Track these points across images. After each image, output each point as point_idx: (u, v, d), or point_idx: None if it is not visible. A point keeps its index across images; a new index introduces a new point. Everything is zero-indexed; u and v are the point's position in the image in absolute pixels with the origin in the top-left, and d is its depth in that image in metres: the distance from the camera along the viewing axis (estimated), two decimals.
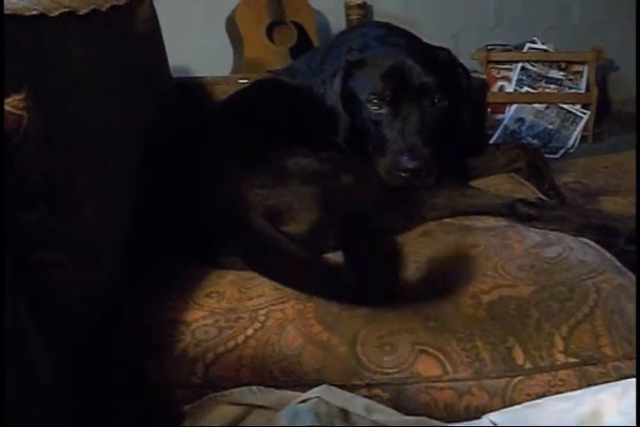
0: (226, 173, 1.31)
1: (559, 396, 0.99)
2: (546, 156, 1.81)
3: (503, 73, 3.56)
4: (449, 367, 1.02)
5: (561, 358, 1.02)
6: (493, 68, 3.54)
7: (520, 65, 3.53)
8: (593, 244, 1.26)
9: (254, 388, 1.02)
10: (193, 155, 1.39)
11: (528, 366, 1.01)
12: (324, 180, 1.30)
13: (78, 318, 1.02)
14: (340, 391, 1.00)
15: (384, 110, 1.39)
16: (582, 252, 1.20)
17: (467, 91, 1.50)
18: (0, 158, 0.87)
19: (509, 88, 3.55)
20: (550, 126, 3.49)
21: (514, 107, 3.51)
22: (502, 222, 1.33)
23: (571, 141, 3.48)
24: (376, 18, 3.42)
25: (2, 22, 0.89)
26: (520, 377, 1.01)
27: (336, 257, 1.24)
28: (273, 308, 1.11)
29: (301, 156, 1.32)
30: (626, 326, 1.04)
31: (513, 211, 1.35)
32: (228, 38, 3.19)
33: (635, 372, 1.00)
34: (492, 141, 3.21)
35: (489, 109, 3.25)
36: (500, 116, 3.50)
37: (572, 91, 3.53)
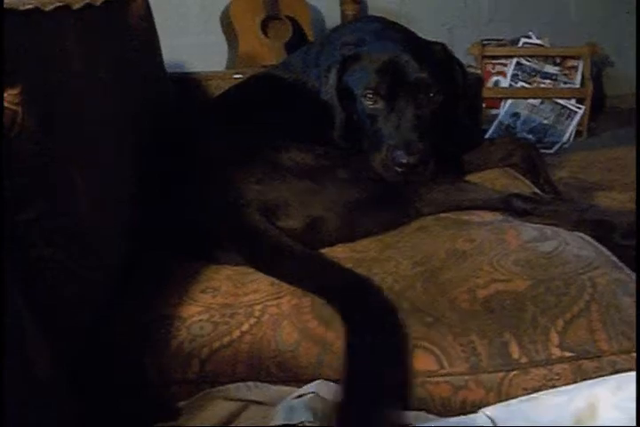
0: (221, 169, 1.31)
1: (555, 390, 0.99)
2: (541, 151, 1.81)
3: (498, 68, 3.56)
4: (445, 362, 1.02)
5: (557, 352, 1.02)
6: (488, 63, 3.54)
7: (515, 60, 3.53)
8: (589, 238, 1.26)
9: (250, 383, 1.02)
10: (188, 150, 1.38)
11: (524, 360, 1.01)
12: (320, 175, 1.30)
13: (76, 315, 1.02)
14: (336, 386, 1.00)
15: (379, 105, 1.39)
16: (578, 246, 1.20)
17: (462, 85, 1.50)
18: None
19: (504, 83, 3.55)
20: (545, 121, 3.50)
21: (509, 102, 3.51)
22: (498, 217, 1.33)
23: (565, 136, 3.48)
24: (371, 12, 3.42)
25: (2, 21, 0.89)
26: (516, 371, 1.01)
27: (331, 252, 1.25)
28: (269, 303, 1.11)
29: (297, 151, 1.32)
30: (621, 320, 1.04)
31: (508, 205, 1.35)
32: (222, 33, 3.19)
33: (631, 366, 1.00)
34: (487, 136, 3.21)
35: (484, 104, 3.25)
36: (495, 111, 3.50)
37: (567, 86, 3.54)
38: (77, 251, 1.02)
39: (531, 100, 3.51)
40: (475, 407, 0.99)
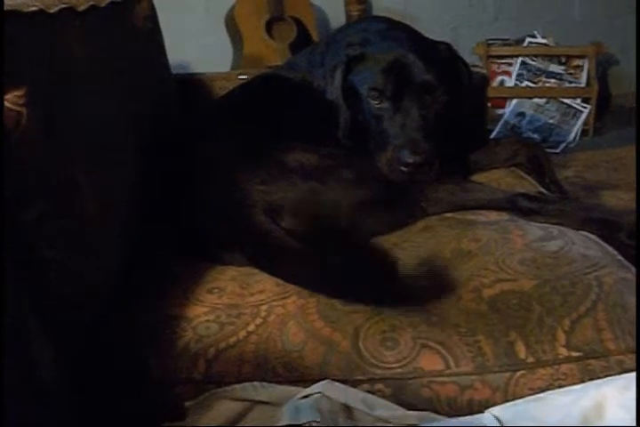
0: (226, 169, 1.31)
1: (562, 390, 0.99)
2: (546, 150, 1.81)
3: (503, 67, 3.55)
4: (451, 362, 1.02)
5: (563, 351, 1.02)
6: (493, 62, 3.54)
7: (520, 59, 3.52)
8: (595, 238, 1.26)
9: (256, 384, 1.02)
10: (193, 150, 1.38)
11: (530, 360, 1.01)
12: (325, 175, 1.30)
13: (79, 316, 1.02)
14: (343, 387, 1.00)
15: (385, 105, 1.39)
16: (584, 246, 1.20)
17: (467, 85, 1.50)
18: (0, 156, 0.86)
19: (510, 82, 3.54)
20: (551, 121, 3.49)
21: (514, 101, 3.51)
22: (503, 217, 1.33)
23: (571, 136, 3.48)
24: (375, 13, 3.42)
25: (2, 21, 0.89)
26: (522, 371, 1.01)
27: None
28: (274, 303, 1.11)
29: (301, 151, 1.32)
30: (628, 319, 1.04)
31: (514, 205, 1.35)
32: (227, 35, 3.19)
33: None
34: (492, 136, 3.20)
35: (489, 104, 3.25)
36: (500, 111, 3.50)
37: (573, 85, 3.53)
38: (79, 252, 1.02)
39: (536, 100, 3.51)
40: (481, 407, 0.99)
